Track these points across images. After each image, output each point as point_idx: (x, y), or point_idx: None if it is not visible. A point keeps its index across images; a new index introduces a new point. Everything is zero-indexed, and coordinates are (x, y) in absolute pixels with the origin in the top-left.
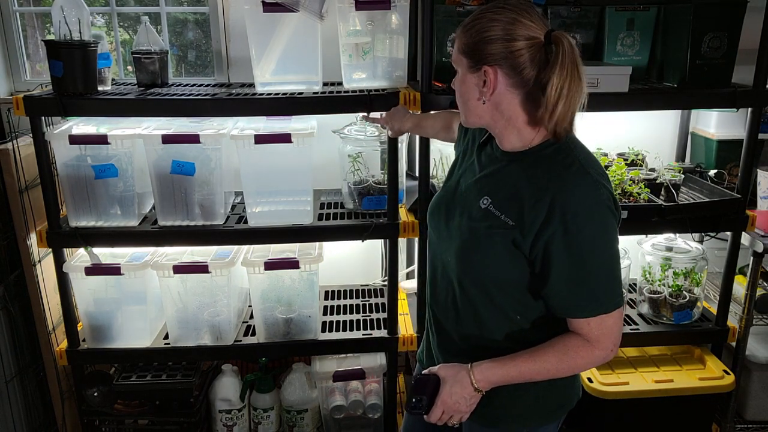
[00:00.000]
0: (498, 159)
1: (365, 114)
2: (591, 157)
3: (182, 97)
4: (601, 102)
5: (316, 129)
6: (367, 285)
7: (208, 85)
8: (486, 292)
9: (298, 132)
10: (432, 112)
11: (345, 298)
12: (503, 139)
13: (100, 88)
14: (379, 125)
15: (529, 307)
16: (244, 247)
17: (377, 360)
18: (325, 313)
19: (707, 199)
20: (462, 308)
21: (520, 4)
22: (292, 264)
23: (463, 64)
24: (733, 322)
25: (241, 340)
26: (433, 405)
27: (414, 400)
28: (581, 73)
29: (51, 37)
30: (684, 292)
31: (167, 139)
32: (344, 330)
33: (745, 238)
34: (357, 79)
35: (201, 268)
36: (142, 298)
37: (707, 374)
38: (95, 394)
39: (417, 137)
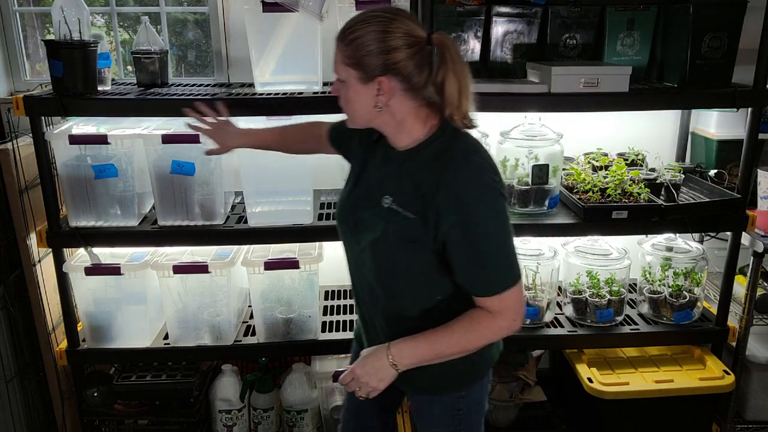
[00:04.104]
0: (393, 159)
1: (188, 123)
2: (476, 145)
3: (182, 97)
4: (601, 102)
5: None
6: None
7: (208, 85)
8: (404, 283)
9: None
10: (285, 125)
11: (345, 298)
12: (395, 139)
13: (100, 88)
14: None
15: (447, 287)
16: (244, 247)
17: None
18: (325, 313)
19: (707, 199)
20: (382, 300)
21: (395, 11)
22: (292, 264)
23: (352, 76)
24: (733, 322)
25: (241, 340)
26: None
27: (337, 371)
28: (466, 67)
29: (51, 37)
30: (684, 292)
31: (167, 139)
32: (344, 330)
33: (745, 238)
34: None
35: (201, 268)
36: (142, 298)
37: (707, 374)
38: (95, 394)
39: None
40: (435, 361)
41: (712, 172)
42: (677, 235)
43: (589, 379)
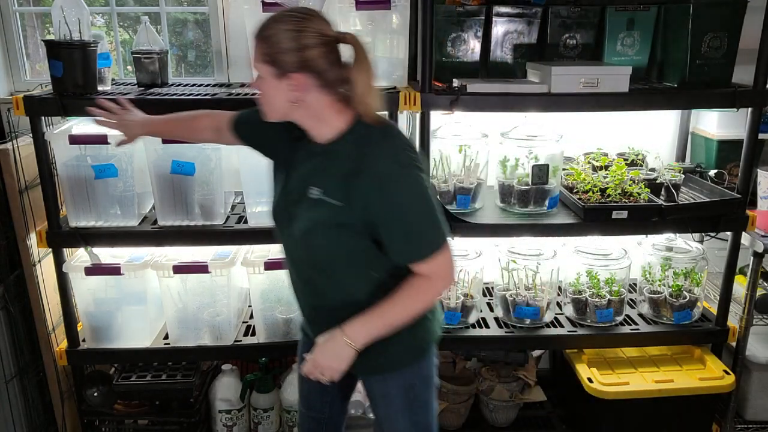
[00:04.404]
0: (316, 152)
1: (94, 120)
2: (392, 128)
3: (182, 97)
4: (601, 102)
5: None
6: None
7: (208, 85)
8: (343, 268)
9: None
10: (181, 113)
11: None
12: (316, 132)
13: (100, 88)
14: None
15: (382, 263)
16: (244, 247)
17: None
18: None
19: (707, 199)
20: (324, 287)
21: (308, 11)
22: None
23: (267, 72)
24: (733, 322)
25: (241, 340)
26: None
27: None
28: (372, 63)
29: (51, 37)
30: (684, 292)
31: (167, 139)
32: None
33: (745, 238)
34: None
35: (201, 268)
36: (142, 298)
37: (707, 374)
38: (95, 394)
39: (417, 137)
40: (387, 332)
41: (712, 172)
42: (677, 235)
43: (589, 379)
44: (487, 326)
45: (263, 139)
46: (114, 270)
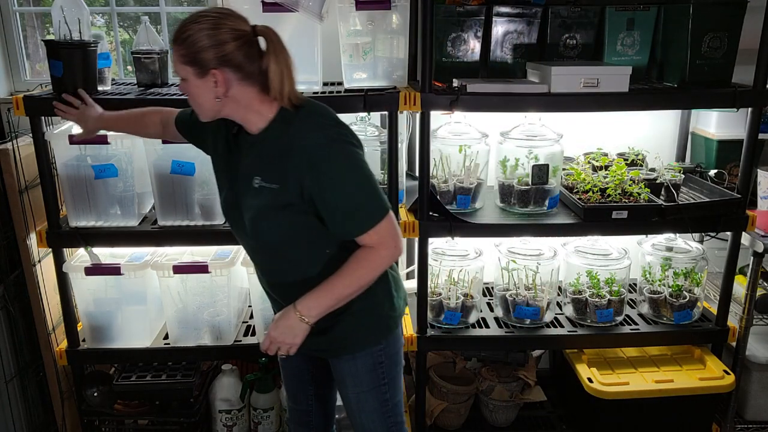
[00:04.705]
0: (253, 143)
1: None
2: (321, 109)
3: (182, 97)
4: (601, 102)
5: None
6: None
7: None
8: (294, 248)
9: None
10: (132, 110)
11: None
12: (248, 123)
13: (100, 88)
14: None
15: (333, 238)
16: None
17: None
18: None
19: (707, 199)
20: (283, 269)
21: (222, 11)
22: None
23: (189, 72)
24: (733, 322)
25: (241, 340)
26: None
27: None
28: (288, 52)
29: (51, 37)
30: (684, 292)
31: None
32: None
33: (745, 238)
34: (357, 79)
35: (201, 268)
36: (142, 298)
37: (707, 374)
38: (95, 394)
39: (417, 138)
40: (338, 304)
41: (712, 172)
42: (677, 235)
43: (589, 379)
44: (487, 326)
45: (203, 136)
46: (114, 270)
